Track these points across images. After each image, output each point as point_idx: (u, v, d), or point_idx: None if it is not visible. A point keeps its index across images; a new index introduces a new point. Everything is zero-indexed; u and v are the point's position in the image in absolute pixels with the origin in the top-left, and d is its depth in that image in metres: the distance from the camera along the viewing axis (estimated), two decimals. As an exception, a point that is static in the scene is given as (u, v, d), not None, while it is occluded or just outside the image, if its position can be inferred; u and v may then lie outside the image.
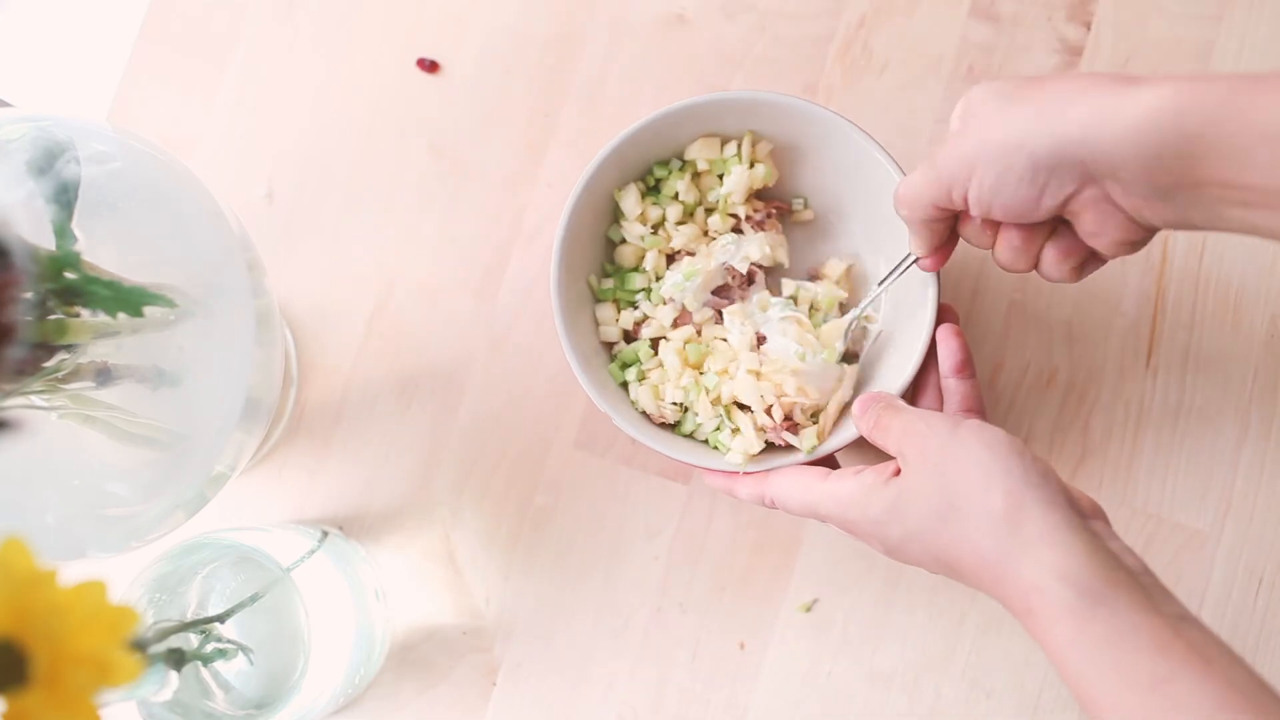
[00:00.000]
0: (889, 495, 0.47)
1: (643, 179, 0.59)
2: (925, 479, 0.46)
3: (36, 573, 0.31)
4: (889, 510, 0.47)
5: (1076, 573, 0.42)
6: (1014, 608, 0.44)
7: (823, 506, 0.50)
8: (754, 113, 0.56)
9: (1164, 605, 0.41)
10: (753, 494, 0.54)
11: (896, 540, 0.47)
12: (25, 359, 0.38)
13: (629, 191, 0.58)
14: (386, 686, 0.62)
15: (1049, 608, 0.42)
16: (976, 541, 0.44)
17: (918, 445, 0.47)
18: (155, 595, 0.52)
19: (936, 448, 0.46)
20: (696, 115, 0.56)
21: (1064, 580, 0.42)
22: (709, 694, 0.62)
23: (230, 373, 0.47)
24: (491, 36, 0.65)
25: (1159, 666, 0.39)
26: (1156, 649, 0.40)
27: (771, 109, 0.56)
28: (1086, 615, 0.41)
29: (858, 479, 0.49)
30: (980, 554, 0.44)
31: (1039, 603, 0.42)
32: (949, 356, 0.53)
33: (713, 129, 0.57)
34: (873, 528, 0.48)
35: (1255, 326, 0.62)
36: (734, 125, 0.57)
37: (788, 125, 0.56)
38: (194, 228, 0.48)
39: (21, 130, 0.44)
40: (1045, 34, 0.64)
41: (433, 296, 0.64)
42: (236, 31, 0.66)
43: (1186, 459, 0.62)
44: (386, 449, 0.64)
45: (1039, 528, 0.43)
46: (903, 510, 0.47)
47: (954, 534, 0.45)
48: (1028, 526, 0.43)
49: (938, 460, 0.46)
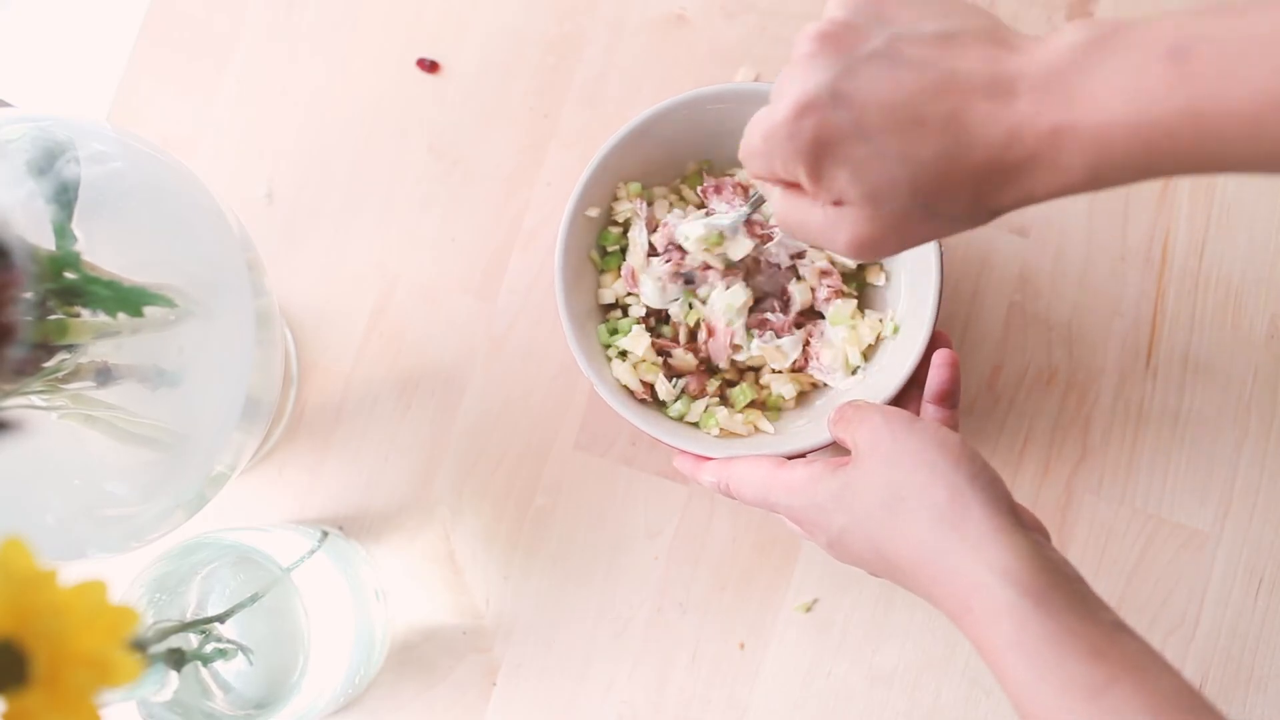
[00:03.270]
0: (836, 483, 0.47)
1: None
2: (873, 469, 0.46)
3: (36, 573, 0.31)
4: (834, 498, 0.47)
5: (1017, 573, 0.41)
6: (950, 607, 0.43)
7: (773, 494, 0.50)
8: (758, 105, 0.56)
9: (1101, 614, 0.41)
10: (714, 481, 0.53)
11: (838, 530, 0.47)
12: (25, 359, 0.38)
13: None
14: (386, 686, 0.62)
15: (989, 606, 0.41)
16: (918, 535, 0.44)
17: (871, 437, 0.47)
18: (155, 595, 0.52)
19: (889, 440, 0.46)
20: (703, 107, 0.56)
21: (1006, 579, 0.41)
22: (709, 694, 0.62)
23: (230, 373, 0.47)
24: (491, 36, 0.65)
25: (1097, 673, 0.39)
26: (1094, 656, 0.39)
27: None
28: (1028, 616, 0.40)
29: (808, 467, 0.49)
30: (920, 548, 0.44)
31: (979, 601, 0.41)
32: (936, 384, 0.51)
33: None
34: (818, 514, 0.47)
35: (1255, 326, 0.62)
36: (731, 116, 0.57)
37: None
38: (194, 228, 0.48)
39: (21, 130, 0.44)
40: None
41: (433, 296, 0.64)
42: (236, 31, 0.66)
43: (1186, 459, 0.62)
44: (386, 449, 0.64)
45: (981, 528, 0.43)
46: (848, 499, 0.46)
47: (896, 526, 0.45)
48: (970, 525, 0.43)
49: (889, 452, 0.46)
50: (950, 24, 0.38)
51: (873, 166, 0.38)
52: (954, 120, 0.37)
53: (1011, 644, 0.40)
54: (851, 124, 0.38)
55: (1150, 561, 0.61)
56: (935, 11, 0.39)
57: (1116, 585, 0.61)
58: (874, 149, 0.38)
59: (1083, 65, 0.35)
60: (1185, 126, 0.34)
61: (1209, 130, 0.33)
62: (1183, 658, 0.61)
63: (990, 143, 0.36)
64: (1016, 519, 0.44)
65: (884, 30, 0.38)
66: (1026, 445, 0.62)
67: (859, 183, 0.38)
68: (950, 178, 0.37)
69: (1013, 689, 0.40)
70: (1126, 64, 0.34)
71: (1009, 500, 0.45)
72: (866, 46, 0.38)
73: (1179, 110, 0.33)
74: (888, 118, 0.37)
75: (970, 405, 0.63)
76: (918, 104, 0.37)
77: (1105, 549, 0.62)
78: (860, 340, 0.57)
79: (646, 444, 0.63)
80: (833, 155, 0.38)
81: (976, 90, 0.37)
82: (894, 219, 0.39)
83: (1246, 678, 0.61)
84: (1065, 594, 0.41)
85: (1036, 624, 0.40)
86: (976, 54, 0.37)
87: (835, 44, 0.38)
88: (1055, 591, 0.41)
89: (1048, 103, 0.36)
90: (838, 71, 0.38)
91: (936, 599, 0.44)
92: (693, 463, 0.55)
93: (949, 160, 0.37)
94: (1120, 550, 0.62)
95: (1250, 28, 0.33)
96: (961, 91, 0.37)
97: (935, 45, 0.38)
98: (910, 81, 0.37)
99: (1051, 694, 0.39)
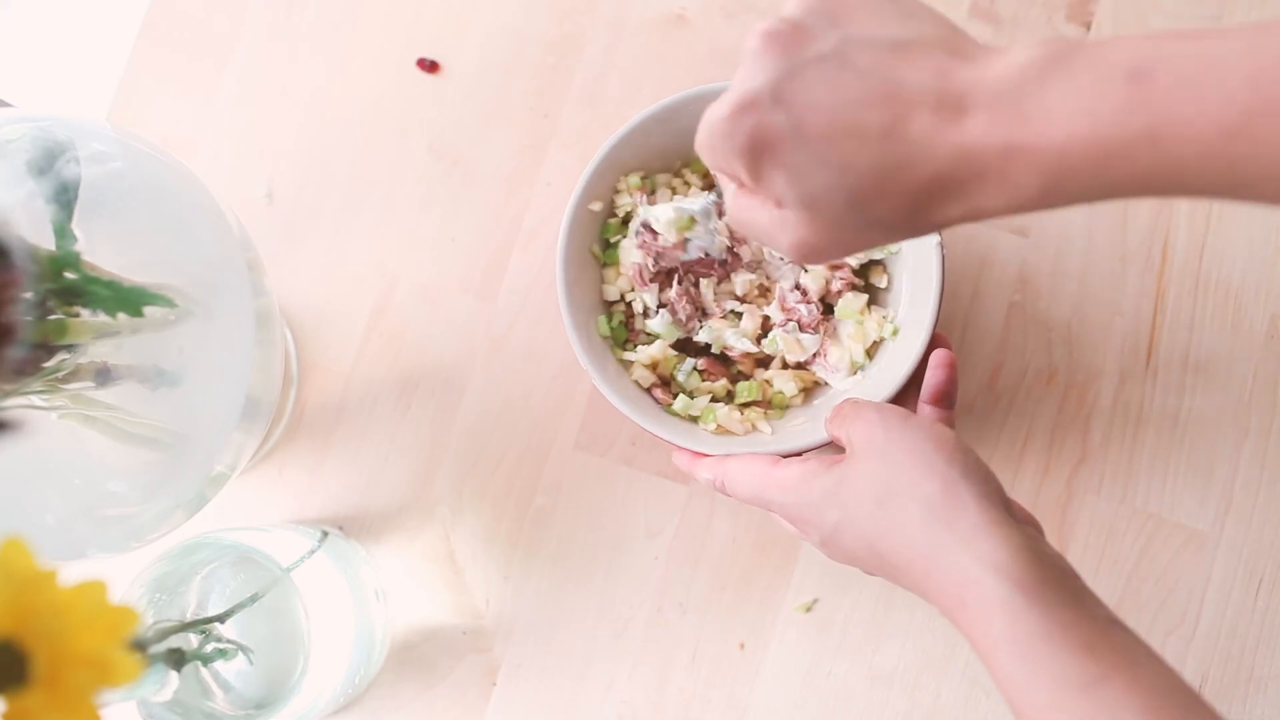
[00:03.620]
0: (830, 479, 0.47)
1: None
2: (867, 465, 0.46)
3: (36, 573, 0.31)
4: (827, 494, 0.47)
5: (1010, 566, 0.41)
6: (944, 602, 0.43)
7: (767, 491, 0.50)
8: None
9: (1094, 608, 0.41)
10: (710, 477, 0.53)
11: (831, 526, 0.47)
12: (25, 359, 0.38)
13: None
14: (386, 686, 0.62)
15: (982, 601, 0.41)
16: (911, 530, 0.44)
17: (865, 433, 0.47)
18: (155, 595, 0.52)
19: (883, 436, 0.46)
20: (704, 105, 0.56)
21: (999, 573, 0.41)
22: (709, 694, 0.62)
23: (230, 373, 0.47)
24: (491, 36, 0.65)
25: (1089, 668, 0.39)
26: (1087, 651, 0.39)
27: None
28: (1021, 611, 0.40)
29: (802, 465, 0.49)
30: (913, 543, 0.44)
31: (972, 596, 0.41)
32: (932, 384, 0.51)
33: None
34: (811, 512, 0.47)
35: (1255, 326, 0.63)
36: None
37: None
38: (194, 228, 0.48)
39: (21, 130, 0.44)
40: (1045, 34, 0.64)
41: (433, 296, 0.64)
42: (236, 31, 0.66)
43: (1186, 459, 0.62)
44: (386, 449, 0.64)
45: (974, 522, 0.43)
46: (841, 495, 0.46)
47: (888, 521, 0.45)
48: (963, 520, 0.43)
49: (882, 448, 0.46)
50: (905, 31, 0.37)
51: (809, 172, 0.37)
52: (894, 131, 0.36)
53: (1004, 639, 0.40)
54: (789, 127, 0.37)
55: (1150, 561, 0.62)
56: (891, 17, 0.38)
57: (1116, 585, 0.61)
58: (811, 155, 0.37)
59: (1039, 82, 0.34)
60: (1142, 149, 0.33)
61: (1166, 154, 0.33)
62: (1183, 658, 0.61)
63: (933, 157, 0.36)
64: (1010, 514, 0.44)
65: (835, 33, 0.38)
66: (1026, 445, 0.62)
67: (795, 187, 0.38)
68: (888, 189, 0.37)
69: (1005, 684, 0.40)
70: (1085, 84, 0.34)
71: (1002, 495, 0.45)
72: (814, 48, 0.37)
73: (1136, 133, 0.33)
74: (826, 124, 0.36)
75: (970, 405, 0.63)
76: (857, 112, 0.36)
77: (1105, 549, 0.62)
78: (865, 337, 0.57)
79: (647, 444, 0.63)
80: (771, 157, 0.38)
81: (923, 102, 0.36)
82: (832, 225, 0.38)
83: (1246, 678, 0.61)
84: (1058, 589, 0.41)
85: (1029, 619, 0.40)
86: (928, 64, 0.36)
87: (783, 44, 0.37)
88: (1048, 586, 0.41)
89: (1000, 120, 0.35)
90: (781, 72, 0.37)
91: (930, 594, 0.44)
92: (690, 458, 0.55)
93: (885, 171, 0.36)
94: (1120, 550, 0.62)
95: (1211, 53, 0.32)
96: (905, 102, 0.36)
97: (886, 52, 0.37)
98: (852, 88, 0.36)
99: (1043, 689, 0.39)
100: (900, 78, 0.36)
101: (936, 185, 0.36)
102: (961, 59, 0.36)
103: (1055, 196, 0.35)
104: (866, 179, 0.36)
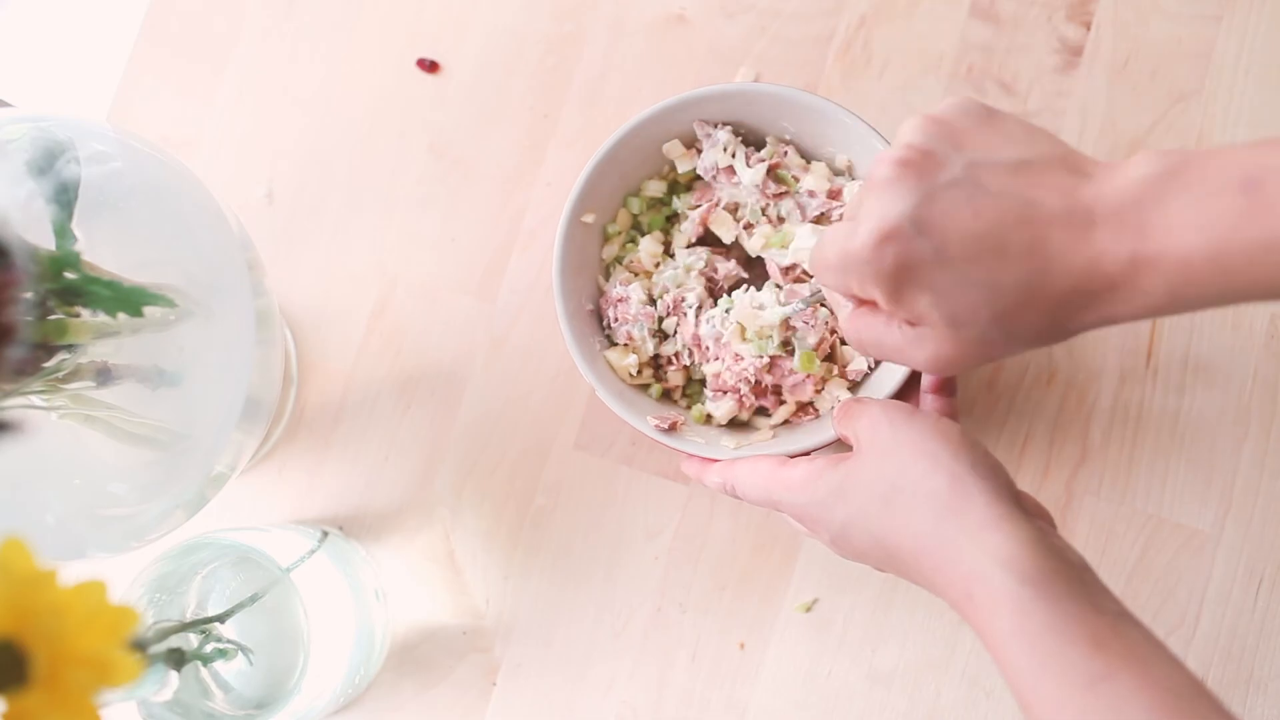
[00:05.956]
0: (837, 477, 0.47)
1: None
2: (873, 461, 0.46)
3: (36, 573, 0.31)
4: (835, 492, 0.47)
5: (1019, 560, 0.41)
6: (953, 596, 0.43)
7: (776, 492, 0.50)
8: (756, 105, 0.56)
9: (1104, 603, 0.41)
10: (720, 481, 0.53)
11: (840, 524, 0.47)
12: (25, 359, 0.38)
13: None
14: (386, 686, 0.62)
15: (990, 595, 0.41)
16: (919, 524, 0.44)
17: (870, 429, 0.47)
18: (155, 595, 0.52)
19: (888, 431, 0.46)
20: (702, 106, 0.56)
21: (1007, 568, 0.41)
22: (709, 694, 0.62)
23: (230, 373, 0.47)
24: (491, 36, 0.65)
25: (1096, 664, 0.39)
26: (1096, 645, 0.39)
27: (774, 101, 0.56)
28: (1028, 604, 0.40)
29: (810, 464, 0.49)
30: (920, 537, 0.44)
31: (980, 590, 0.41)
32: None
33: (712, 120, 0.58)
34: (819, 510, 0.47)
35: (1255, 326, 0.63)
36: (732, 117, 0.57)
37: (789, 118, 0.57)
38: (194, 228, 0.48)
39: (21, 130, 0.44)
40: (1045, 34, 0.64)
41: (433, 296, 0.64)
42: (236, 32, 0.66)
43: (1186, 459, 0.62)
44: (386, 449, 0.64)
45: (982, 515, 0.43)
46: (848, 491, 0.46)
47: (896, 516, 0.45)
48: (971, 513, 0.43)
49: (888, 443, 0.46)
50: (1025, 152, 0.40)
51: (955, 292, 0.40)
52: (1035, 249, 0.39)
53: (1012, 632, 0.40)
54: (933, 251, 0.40)
55: (1150, 561, 0.62)
56: (1010, 139, 0.41)
57: (1117, 585, 0.61)
58: (956, 276, 0.40)
59: (1157, 197, 0.37)
60: (1262, 257, 0.35)
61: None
62: (1182, 658, 0.61)
63: (1071, 271, 0.38)
64: (1019, 506, 0.44)
65: (961, 157, 0.40)
66: (1026, 446, 0.62)
67: (940, 307, 0.40)
68: (1031, 304, 0.39)
69: (1013, 678, 0.40)
70: (1200, 196, 0.36)
71: (1011, 487, 0.45)
72: (945, 174, 0.40)
73: (1254, 242, 0.35)
74: (970, 246, 0.39)
75: (970, 405, 0.63)
76: (999, 233, 0.39)
77: (1105, 549, 0.62)
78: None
79: (646, 444, 0.63)
80: (914, 281, 0.40)
81: (1055, 220, 0.38)
82: (976, 340, 0.41)
83: (1246, 678, 0.61)
84: (1067, 582, 0.41)
85: (1036, 612, 0.40)
86: (1053, 183, 0.39)
87: (915, 171, 0.40)
88: (1057, 579, 0.41)
89: (1125, 234, 0.37)
90: (918, 199, 0.40)
91: (939, 588, 0.44)
92: (699, 465, 0.55)
93: (1030, 288, 0.39)
94: (1120, 550, 0.62)
95: None
96: (1041, 221, 0.39)
97: (1012, 174, 0.40)
98: (990, 210, 0.39)
99: (1051, 683, 0.39)
100: (1032, 197, 0.39)
101: (1075, 296, 0.39)
102: (1082, 176, 0.39)
103: (1183, 303, 0.37)
104: (1012, 296, 0.39)
